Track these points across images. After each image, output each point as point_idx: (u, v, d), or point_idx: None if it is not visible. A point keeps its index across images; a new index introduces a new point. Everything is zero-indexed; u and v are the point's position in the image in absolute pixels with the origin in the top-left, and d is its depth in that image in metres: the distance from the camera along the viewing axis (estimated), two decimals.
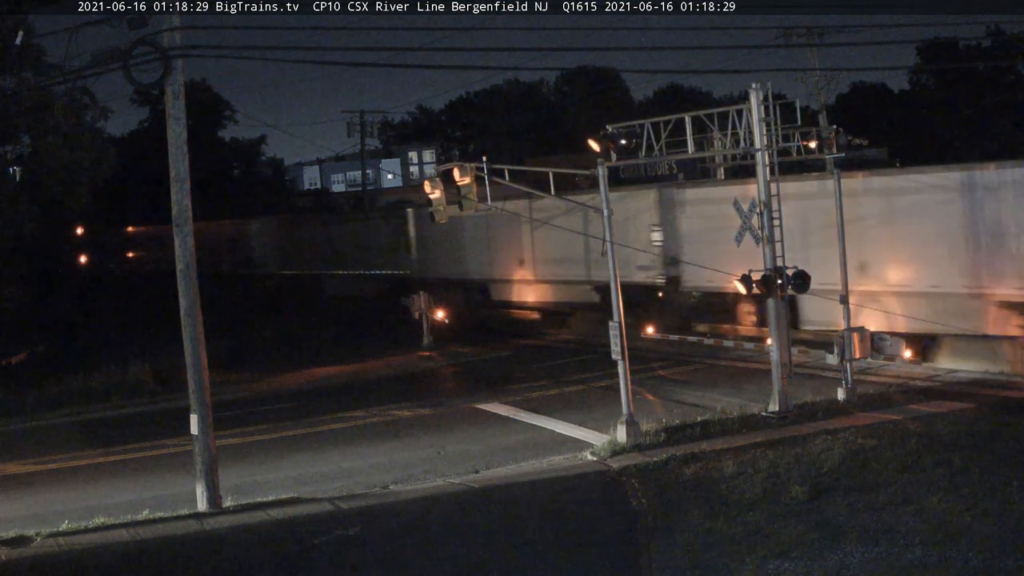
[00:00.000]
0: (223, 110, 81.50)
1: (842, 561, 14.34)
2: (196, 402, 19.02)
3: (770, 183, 23.32)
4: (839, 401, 23.40)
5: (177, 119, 18.86)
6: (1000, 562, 13.91)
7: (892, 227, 27.55)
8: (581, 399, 26.72)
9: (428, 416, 26.30)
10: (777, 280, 22.85)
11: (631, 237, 31.76)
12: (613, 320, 21.96)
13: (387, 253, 50.20)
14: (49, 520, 18.35)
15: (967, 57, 65.50)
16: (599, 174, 22.45)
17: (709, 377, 28.42)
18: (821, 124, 36.87)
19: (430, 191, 24.36)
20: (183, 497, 19.27)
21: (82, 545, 17.20)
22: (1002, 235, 25.16)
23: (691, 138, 24.67)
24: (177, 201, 18.99)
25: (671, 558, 15.13)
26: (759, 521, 16.16)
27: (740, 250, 29.61)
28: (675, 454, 20.13)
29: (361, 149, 68.60)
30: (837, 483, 17.67)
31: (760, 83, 23.39)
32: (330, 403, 28.73)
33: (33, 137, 31.92)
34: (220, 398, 25.46)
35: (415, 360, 35.35)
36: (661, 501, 17.71)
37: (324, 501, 18.93)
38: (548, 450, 21.73)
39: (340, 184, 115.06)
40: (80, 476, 22.76)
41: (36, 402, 30.39)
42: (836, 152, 26.06)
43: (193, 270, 19.02)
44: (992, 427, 20.39)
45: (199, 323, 19.06)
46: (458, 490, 19.31)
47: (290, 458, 22.91)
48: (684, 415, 23.07)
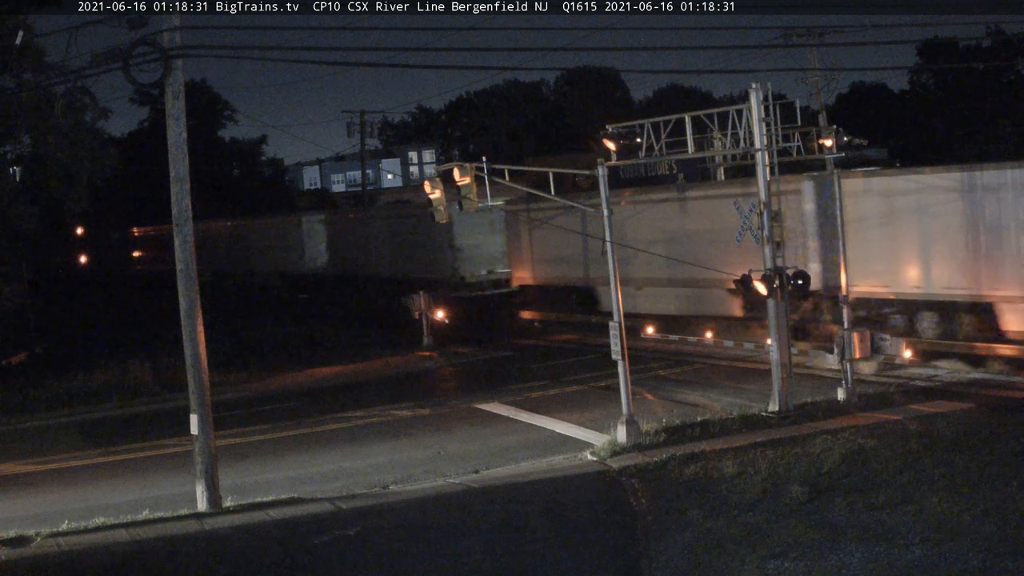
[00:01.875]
0: (223, 110, 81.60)
1: (842, 561, 14.34)
2: (196, 402, 19.02)
3: (770, 183, 23.34)
4: (839, 401, 23.41)
5: (177, 119, 18.86)
6: (1000, 562, 13.91)
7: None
8: (581, 399, 26.72)
9: (428, 416, 26.30)
10: (776, 280, 22.86)
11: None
12: (613, 320, 21.97)
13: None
14: (49, 520, 18.34)
15: (967, 57, 65.50)
16: (599, 174, 22.46)
17: (709, 377, 28.42)
18: (821, 124, 36.82)
19: (430, 191, 24.38)
20: (183, 497, 19.27)
21: (82, 545, 17.20)
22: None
23: (691, 138, 24.66)
24: (177, 201, 18.98)
25: (671, 558, 15.13)
26: (759, 521, 16.16)
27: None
28: (675, 454, 20.13)
29: (361, 149, 68.60)
30: (837, 483, 17.66)
31: (760, 83, 23.39)
32: (330, 403, 28.73)
33: (33, 137, 31.89)
34: (220, 398, 25.49)
35: (415, 360, 35.34)
36: (661, 501, 17.71)
37: (324, 501, 18.93)
38: (548, 450, 21.73)
39: (340, 184, 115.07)
40: (80, 476, 22.76)
41: (36, 402, 30.39)
42: (836, 152, 26.07)
43: (193, 270, 19.02)
44: (992, 427, 20.38)
45: (199, 323, 19.06)
46: (458, 490, 19.30)
47: (290, 458, 22.91)
48: (684, 415, 23.07)
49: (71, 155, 30.80)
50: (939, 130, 66.32)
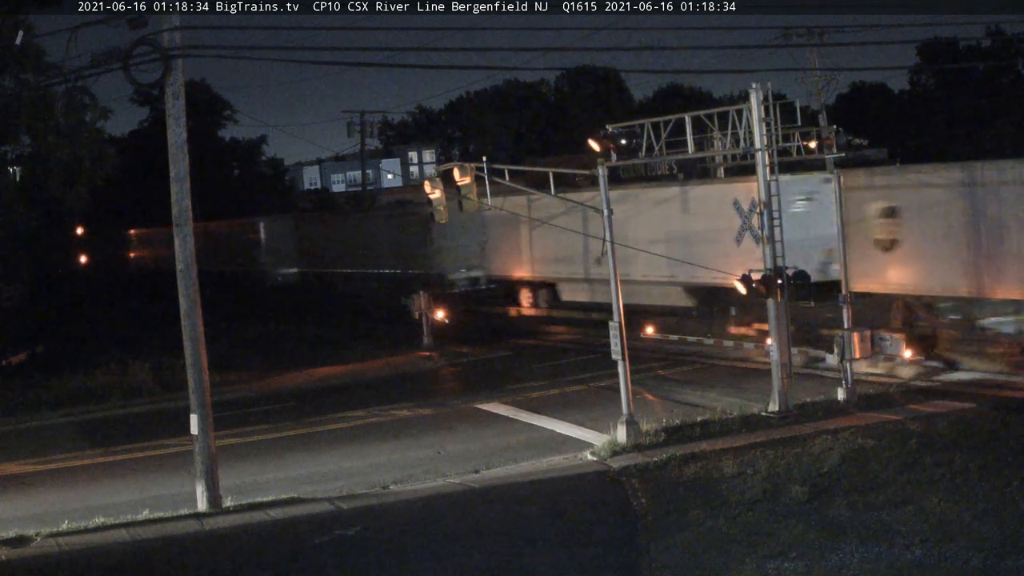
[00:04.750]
0: (223, 110, 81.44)
1: (842, 561, 14.33)
2: (196, 402, 19.03)
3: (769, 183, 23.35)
4: (839, 401, 23.41)
5: (177, 119, 18.87)
6: (1000, 562, 13.90)
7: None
8: (581, 399, 26.72)
9: (428, 416, 26.30)
10: (777, 280, 22.86)
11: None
12: (613, 320, 21.98)
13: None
14: (49, 520, 18.35)
15: (967, 57, 65.46)
16: (599, 174, 22.47)
17: (709, 377, 28.43)
18: (821, 124, 36.81)
19: (430, 191, 24.41)
20: (183, 497, 19.28)
21: (82, 545, 17.20)
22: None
23: (691, 138, 24.67)
24: (177, 201, 18.99)
25: (671, 558, 15.12)
26: (759, 521, 16.15)
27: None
28: (675, 454, 20.13)
29: (361, 149, 68.55)
30: (837, 483, 17.66)
31: (760, 83, 23.42)
32: (330, 403, 28.73)
33: (33, 137, 31.83)
34: (220, 398, 25.46)
35: (415, 360, 35.33)
36: (661, 501, 17.71)
37: (324, 501, 18.93)
38: (548, 450, 21.73)
39: (340, 184, 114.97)
40: (80, 476, 22.77)
41: (36, 402, 30.41)
42: (836, 152, 26.08)
43: (193, 270, 19.03)
44: (992, 427, 20.38)
45: (199, 323, 19.06)
46: (458, 490, 19.31)
47: (290, 458, 22.91)
48: (684, 415, 23.07)
49: (71, 155, 30.73)
50: (939, 130, 66.27)
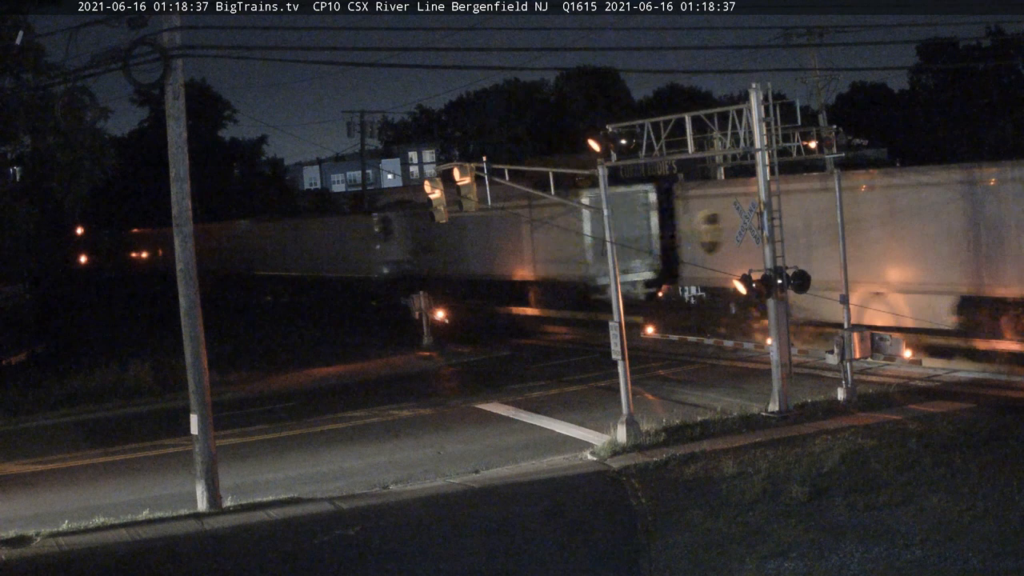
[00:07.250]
0: (223, 110, 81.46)
1: (842, 561, 14.34)
2: (196, 402, 19.02)
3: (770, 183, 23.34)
4: (839, 401, 23.40)
5: (177, 119, 18.87)
6: (1000, 562, 13.91)
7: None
8: (581, 399, 26.72)
9: (428, 416, 26.30)
10: (777, 280, 22.86)
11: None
12: (613, 320, 21.97)
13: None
14: (49, 520, 18.35)
15: (967, 57, 65.45)
16: (599, 174, 22.47)
17: (709, 377, 28.43)
18: (821, 124, 36.81)
19: (430, 191, 24.40)
20: (183, 497, 19.28)
21: (82, 545, 17.20)
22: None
23: (691, 138, 24.66)
24: (177, 201, 18.99)
25: (671, 558, 15.13)
26: (759, 521, 16.16)
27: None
28: (675, 454, 20.13)
29: (361, 149, 68.60)
30: (837, 483, 17.66)
31: (760, 83, 23.41)
32: (330, 403, 28.73)
33: (33, 137, 31.88)
34: (220, 398, 25.50)
35: (415, 360, 35.34)
36: (661, 501, 17.71)
37: (324, 501, 18.93)
38: (548, 450, 21.73)
39: (340, 184, 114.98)
40: (80, 476, 22.77)
41: (36, 402, 30.38)
42: (836, 152, 26.06)
43: (193, 270, 19.03)
44: (992, 427, 20.39)
45: (199, 323, 19.06)
46: (458, 490, 19.31)
47: (290, 458, 22.91)
48: (684, 415, 23.06)
49: (71, 155, 30.77)
50: (939, 130, 66.29)
